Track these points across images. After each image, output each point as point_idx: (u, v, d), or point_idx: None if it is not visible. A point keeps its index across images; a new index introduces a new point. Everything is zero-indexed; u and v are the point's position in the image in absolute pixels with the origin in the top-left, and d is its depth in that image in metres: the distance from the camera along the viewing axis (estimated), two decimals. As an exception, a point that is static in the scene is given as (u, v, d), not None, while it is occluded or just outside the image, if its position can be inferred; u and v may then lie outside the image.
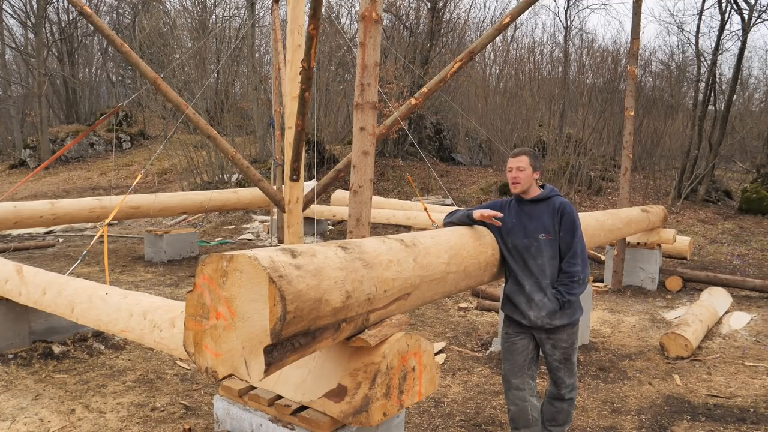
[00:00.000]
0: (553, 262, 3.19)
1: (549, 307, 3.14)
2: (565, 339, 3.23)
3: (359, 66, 3.70)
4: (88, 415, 3.79)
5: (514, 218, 3.28)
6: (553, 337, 3.22)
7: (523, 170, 3.19)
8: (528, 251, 3.20)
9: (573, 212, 3.22)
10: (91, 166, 21.16)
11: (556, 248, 3.19)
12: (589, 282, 5.58)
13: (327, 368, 2.49)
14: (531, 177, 3.22)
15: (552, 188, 3.32)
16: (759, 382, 4.75)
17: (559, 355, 3.25)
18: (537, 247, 3.18)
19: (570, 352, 3.26)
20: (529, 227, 3.21)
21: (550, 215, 3.19)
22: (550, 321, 3.16)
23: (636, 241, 8.15)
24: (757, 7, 14.00)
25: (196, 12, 19.97)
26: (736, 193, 14.62)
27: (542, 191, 3.28)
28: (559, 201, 3.23)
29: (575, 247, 3.17)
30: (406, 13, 18.02)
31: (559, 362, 3.27)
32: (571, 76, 19.02)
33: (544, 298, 3.15)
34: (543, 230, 3.18)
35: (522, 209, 3.27)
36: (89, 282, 4.03)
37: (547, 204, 3.23)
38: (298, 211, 5.80)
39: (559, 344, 3.23)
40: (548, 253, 3.18)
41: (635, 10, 7.55)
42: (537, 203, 3.25)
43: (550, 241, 3.18)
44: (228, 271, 1.88)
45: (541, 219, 3.20)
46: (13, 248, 10.03)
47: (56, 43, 25.73)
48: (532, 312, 3.17)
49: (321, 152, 15.71)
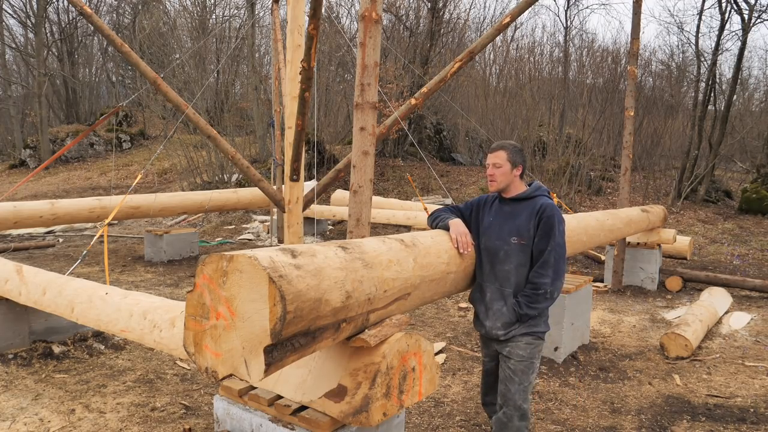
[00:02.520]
0: (521, 269, 2.86)
1: (505, 318, 2.86)
2: (523, 347, 2.87)
3: (359, 66, 3.70)
4: (88, 415, 3.79)
5: (491, 217, 2.97)
6: (511, 345, 2.89)
7: (500, 167, 2.89)
8: (496, 255, 2.90)
9: (554, 216, 2.84)
10: (91, 166, 21.16)
11: (528, 255, 2.85)
12: (589, 282, 5.56)
13: (327, 368, 2.49)
14: (509, 173, 2.90)
15: (539, 186, 2.98)
16: (759, 382, 4.75)
17: (514, 363, 2.87)
18: (506, 251, 2.87)
19: (527, 365, 2.87)
20: (503, 228, 2.90)
21: (527, 217, 2.86)
22: (504, 332, 2.87)
23: (636, 241, 8.15)
24: (757, 7, 14.01)
25: (196, 12, 19.97)
26: (736, 193, 14.62)
27: (526, 189, 2.96)
28: (541, 202, 2.88)
29: (548, 256, 2.82)
30: (406, 13, 18.02)
31: (513, 373, 2.87)
32: (571, 76, 19.04)
33: (503, 308, 2.87)
34: (516, 233, 2.85)
35: (502, 208, 2.97)
36: (89, 282, 4.03)
37: (529, 204, 2.90)
38: (298, 211, 5.80)
39: (516, 351, 2.87)
40: (517, 260, 2.85)
41: (635, 10, 7.55)
42: (518, 202, 2.93)
43: (522, 246, 2.85)
44: (228, 271, 1.88)
45: (517, 220, 2.88)
46: (13, 248, 10.03)
47: (56, 43, 25.74)
48: (488, 321, 2.93)
49: (321, 152, 15.72)
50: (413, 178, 15.32)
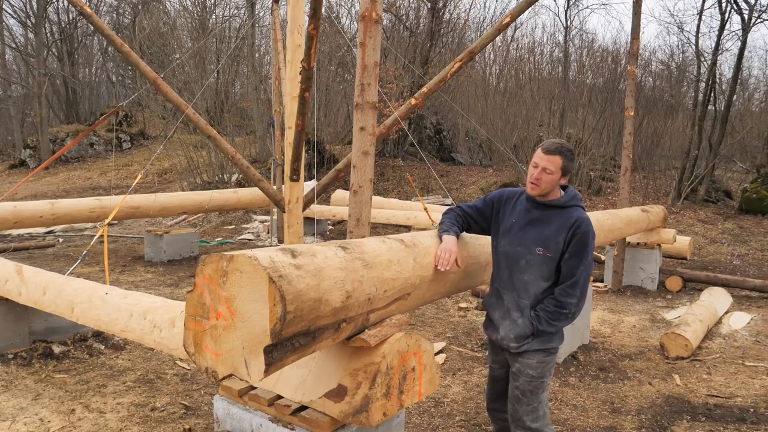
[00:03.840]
0: (541, 283, 2.65)
1: (520, 330, 2.67)
2: (534, 366, 2.70)
3: (359, 66, 3.70)
4: (88, 415, 3.79)
5: (514, 218, 2.71)
6: (521, 361, 2.71)
7: (551, 173, 2.57)
8: (517, 262, 2.66)
9: (589, 233, 2.59)
10: (91, 166, 21.16)
11: (552, 269, 2.63)
12: (589, 282, 5.57)
13: (327, 368, 2.49)
14: (556, 182, 2.61)
15: (574, 194, 2.69)
16: (759, 382, 4.75)
17: (523, 383, 2.71)
18: (528, 260, 2.64)
19: (537, 384, 2.71)
20: (528, 234, 2.65)
21: (558, 229, 2.60)
22: (517, 345, 2.69)
23: (636, 241, 8.16)
24: (757, 7, 14.02)
25: (196, 12, 19.97)
26: (736, 193, 14.63)
27: (561, 196, 2.67)
28: (576, 215, 2.62)
29: (579, 275, 2.59)
30: (406, 13, 18.03)
31: (522, 393, 2.72)
32: (571, 76, 19.04)
33: (520, 319, 2.68)
34: (542, 243, 2.61)
35: (529, 211, 2.69)
36: (89, 282, 4.03)
37: (561, 214, 2.63)
38: (298, 211, 5.80)
39: (526, 370, 2.71)
40: (539, 272, 2.63)
41: (635, 10, 7.55)
42: (549, 209, 2.65)
43: (547, 259, 2.61)
44: (228, 271, 1.88)
45: (545, 229, 2.62)
46: (13, 248, 10.02)
47: (56, 43, 25.72)
48: (502, 330, 2.74)
49: (321, 152, 15.72)
50: (413, 178, 15.32)
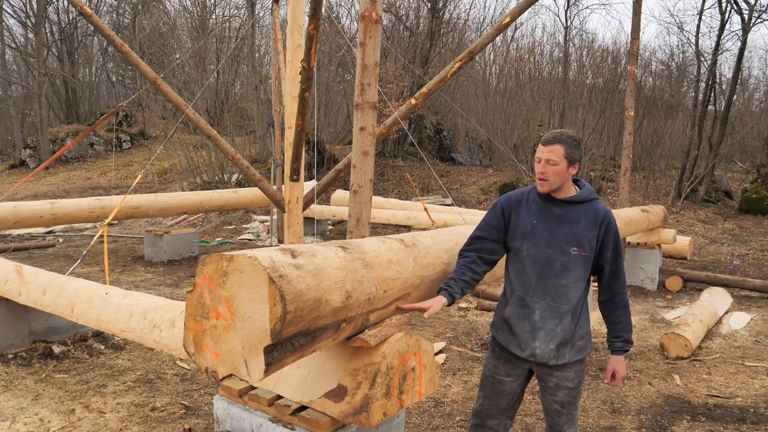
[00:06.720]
0: (580, 284, 2.48)
1: (559, 339, 2.48)
2: (572, 378, 2.57)
3: (359, 66, 3.70)
4: (88, 415, 3.79)
5: (534, 219, 2.51)
6: (558, 375, 2.55)
7: (555, 164, 2.41)
8: (550, 267, 2.46)
9: (616, 224, 2.52)
10: (91, 166, 21.15)
11: (588, 268, 2.49)
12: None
13: (327, 368, 2.49)
14: (565, 173, 2.43)
15: (591, 189, 2.57)
16: (759, 382, 4.75)
17: (562, 396, 2.59)
18: (564, 263, 2.45)
19: (575, 394, 2.62)
20: (557, 235, 2.46)
21: (588, 225, 2.46)
22: (558, 355, 2.49)
23: (636, 241, 8.16)
24: (757, 7, 14.02)
25: (196, 12, 19.96)
26: (736, 193, 14.62)
27: (579, 191, 2.53)
28: (601, 208, 2.50)
29: (620, 269, 2.50)
30: (406, 13, 18.03)
31: (561, 406, 2.60)
32: (571, 76, 19.06)
33: (558, 327, 2.46)
34: (576, 243, 2.45)
35: (549, 209, 2.51)
36: (89, 282, 4.03)
37: (585, 209, 2.49)
38: (298, 211, 5.80)
39: (565, 384, 2.56)
40: (577, 274, 2.46)
41: (635, 10, 7.55)
42: (571, 205, 2.49)
43: (584, 258, 2.46)
44: (228, 271, 1.88)
45: (575, 227, 2.46)
46: (13, 248, 10.02)
47: (56, 43, 25.70)
48: (537, 343, 2.49)
49: (321, 152, 15.72)
50: (413, 178, 15.32)
